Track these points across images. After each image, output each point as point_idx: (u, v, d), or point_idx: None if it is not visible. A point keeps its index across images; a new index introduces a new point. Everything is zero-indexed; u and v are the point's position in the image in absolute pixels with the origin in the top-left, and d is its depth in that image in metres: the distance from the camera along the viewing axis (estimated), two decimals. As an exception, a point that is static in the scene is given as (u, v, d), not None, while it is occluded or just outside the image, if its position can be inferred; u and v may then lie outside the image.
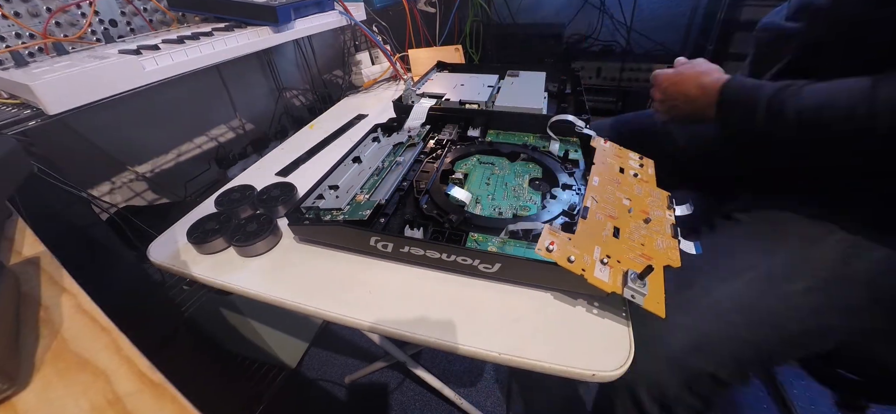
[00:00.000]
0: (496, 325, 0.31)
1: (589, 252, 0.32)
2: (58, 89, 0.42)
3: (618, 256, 0.32)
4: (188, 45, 0.55)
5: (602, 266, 0.31)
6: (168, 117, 0.83)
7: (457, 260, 0.34)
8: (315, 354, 1.01)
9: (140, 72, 0.49)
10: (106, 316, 0.24)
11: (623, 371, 0.28)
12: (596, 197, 0.38)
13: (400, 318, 0.32)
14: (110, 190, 0.75)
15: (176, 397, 0.19)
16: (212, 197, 0.48)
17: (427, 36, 1.00)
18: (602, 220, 0.35)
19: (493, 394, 0.89)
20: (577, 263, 0.31)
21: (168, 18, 0.76)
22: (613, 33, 1.43)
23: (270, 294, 0.36)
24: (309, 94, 1.13)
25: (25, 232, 0.31)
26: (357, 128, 0.68)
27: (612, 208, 0.37)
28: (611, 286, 0.30)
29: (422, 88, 0.64)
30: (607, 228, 0.34)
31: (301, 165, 0.58)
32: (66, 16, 0.62)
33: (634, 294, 0.29)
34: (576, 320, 0.31)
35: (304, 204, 0.41)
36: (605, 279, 0.30)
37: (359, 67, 0.90)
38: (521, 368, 0.29)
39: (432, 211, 0.39)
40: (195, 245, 0.41)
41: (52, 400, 0.20)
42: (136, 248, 0.63)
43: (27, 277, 0.27)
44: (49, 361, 0.22)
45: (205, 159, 0.90)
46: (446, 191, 0.39)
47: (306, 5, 0.74)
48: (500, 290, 0.34)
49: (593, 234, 0.34)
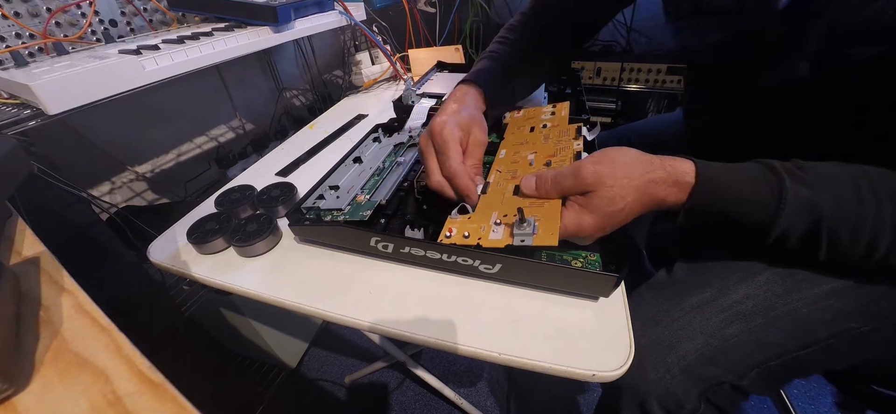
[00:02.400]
0: (496, 325, 0.31)
1: (486, 221, 0.32)
2: (58, 89, 0.42)
3: (513, 211, 0.31)
4: (188, 45, 0.55)
5: (496, 227, 0.31)
6: (168, 117, 0.83)
7: (457, 261, 0.34)
8: (315, 354, 1.01)
9: (140, 72, 0.49)
10: (106, 316, 0.24)
11: (623, 371, 0.28)
12: (500, 168, 0.39)
13: (400, 318, 0.32)
14: (110, 190, 0.75)
15: (176, 397, 0.19)
16: (212, 197, 0.48)
17: (427, 36, 1.00)
18: (503, 185, 0.36)
19: (493, 394, 0.89)
20: (472, 237, 0.31)
21: (168, 18, 0.76)
22: (613, 33, 1.43)
23: (270, 294, 0.36)
24: (309, 94, 1.13)
25: (25, 232, 0.31)
26: (357, 128, 0.68)
27: (516, 168, 0.37)
28: (503, 241, 0.30)
29: (422, 89, 0.64)
30: (508, 190, 0.35)
31: (301, 165, 0.57)
32: (66, 16, 0.62)
33: (523, 238, 0.29)
34: (576, 320, 0.31)
35: (304, 204, 0.41)
36: (498, 237, 0.30)
37: (359, 67, 0.90)
38: (521, 368, 0.29)
39: (433, 211, 0.39)
40: (195, 245, 0.41)
41: (52, 400, 0.20)
42: (136, 248, 0.63)
43: (27, 277, 0.27)
44: (49, 361, 0.22)
45: (205, 159, 0.90)
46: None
47: (306, 5, 0.75)
48: (499, 290, 0.34)
49: (492, 203, 0.34)
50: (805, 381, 0.83)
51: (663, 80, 1.26)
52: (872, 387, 0.48)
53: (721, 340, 0.35)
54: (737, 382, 0.35)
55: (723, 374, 0.34)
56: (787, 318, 0.35)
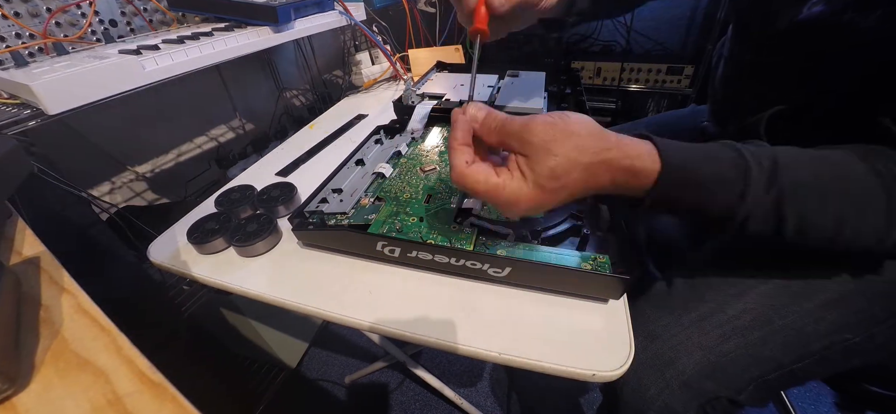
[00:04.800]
0: (496, 325, 0.31)
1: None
2: (58, 89, 0.42)
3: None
4: (188, 45, 0.55)
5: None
6: (168, 117, 0.82)
7: (466, 264, 0.34)
8: (315, 354, 1.01)
9: (140, 72, 0.49)
10: (106, 316, 0.24)
11: (623, 371, 0.28)
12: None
13: (400, 318, 0.32)
14: (110, 190, 0.75)
15: (176, 397, 0.19)
16: (212, 197, 0.48)
17: (427, 36, 1.00)
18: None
19: (493, 394, 0.89)
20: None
21: (168, 18, 0.76)
22: (613, 33, 1.43)
23: (270, 294, 0.36)
24: (309, 94, 1.13)
25: (25, 232, 0.31)
26: (357, 128, 0.68)
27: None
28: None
29: (422, 89, 0.64)
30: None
31: (301, 165, 0.57)
32: (66, 16, 0.62)
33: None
34: (576, 320, 0.31)
35: (307, 208, 0.41)
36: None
37: (359, 67, 0.90)
38: (521, 367, 0.29)
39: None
40: (195, 245, 0.41)
41: (52, 400, 0.20)
42: (136, 248, 0.63)
43: (27, 277, 0.27)
44: (49, 361, 0.22)
45: (205, 159, 0.90)
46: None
47: (306, 5, 0.74)
48: (500, 290, 0.34)
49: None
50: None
51: (663, 80, 1.26)
52: (871, 388, 0.48)
53: (719, 355, 0.35)
54: (734, 396, 0.35)
55: (720, 389, 0.35)
56: (783, 331, 0.36)
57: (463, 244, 0.34)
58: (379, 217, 0.39)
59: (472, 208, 0.39)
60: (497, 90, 0.62)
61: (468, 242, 0.35)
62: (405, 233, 0.36)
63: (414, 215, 0.39)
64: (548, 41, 1.34)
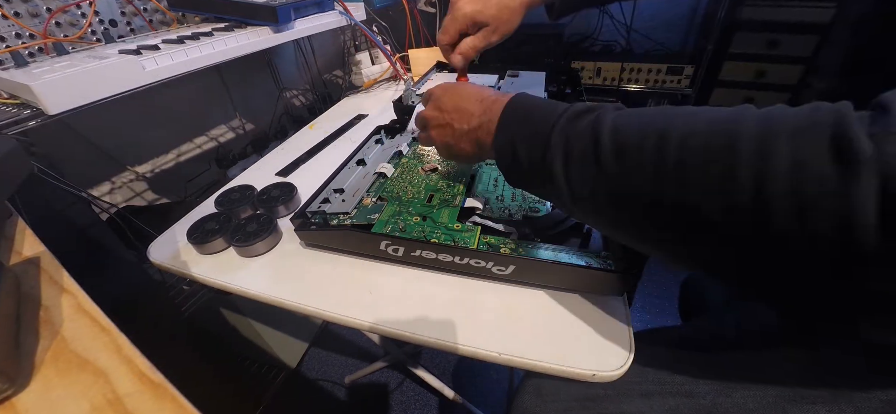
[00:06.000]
0: (496, 324, 0.31)
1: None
2: (58, 89, 0.42)
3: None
4: (188, 45, 0.55)
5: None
6: (168, 117, 0.82)
7: (470, 263, 0.34)
8: (315, 354, 1.01)
9: (140, 72, 0.49)
10: (106, 316, 0.24)
11: (623, 371, 0.28)
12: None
13: (400, 318, 0.32)
14: (110, 190, 0.75)
15: (176, 397, 0.19)
16: (212, 197, 0.48)
17: (427, 36, 1.00)
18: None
19: (493, 394, 0.89)
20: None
21: (168, 18, 0.76)
22: (613, 33, 1.43)
23: (270, 294, 0.36)
24: (309, 94, 1.13)
25: (25, 232, 0.31)
26: (357, 128, 0.68)
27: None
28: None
29: (422, 89, 0.64)
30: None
31: (301, 166, 0.57)
32: (66, 16, 0.62)
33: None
34: (576, 320, 0.31)
35: (309, 209, 0.41)
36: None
37: (359, 67, 0.90)
38: (522, 367, 0.29)
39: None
40: (195, 245, 0.41)
41: (52, 400, 0.20)
42: (136, 248, 0.63)
43: (27, 277, 0.27)
44: (49, 361, 0.22)
45: (205, 159, 0.90)
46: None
47: (306, 5, 0.74)
48: (500, 289, 0.34)
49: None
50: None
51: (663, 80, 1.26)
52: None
53: None
54: None
55: None
56: None
57: (467, 243, 0.34)
58: (382, 217, 0.39)
59: (475, 207, 0.39)
60: (497, 90, 0.62)
61: (472, 241, 0.35)
62: (409, 232, 0.36)
63: (417, 215, 0.39)
64: (548, 41, 1.34)
